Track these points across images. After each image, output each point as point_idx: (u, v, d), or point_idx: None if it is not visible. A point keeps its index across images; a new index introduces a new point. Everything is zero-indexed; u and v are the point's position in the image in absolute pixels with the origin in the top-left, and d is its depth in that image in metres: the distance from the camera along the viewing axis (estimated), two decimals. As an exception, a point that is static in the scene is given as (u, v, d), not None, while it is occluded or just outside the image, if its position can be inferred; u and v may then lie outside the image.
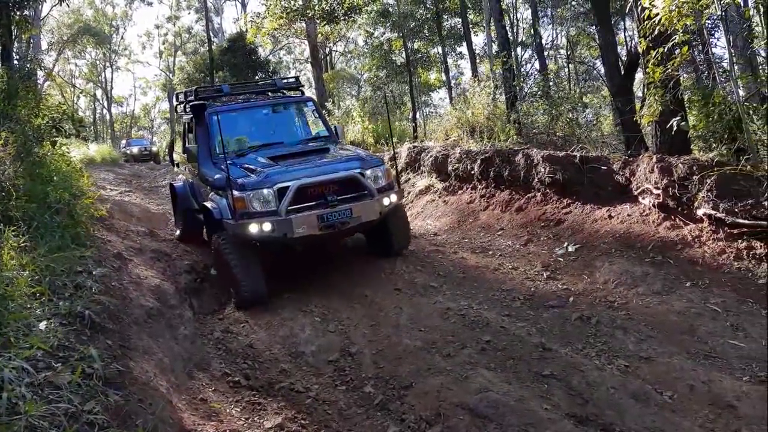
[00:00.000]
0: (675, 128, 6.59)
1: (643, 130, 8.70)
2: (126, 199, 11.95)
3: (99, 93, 45.31)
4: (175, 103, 8.87)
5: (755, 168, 5.67)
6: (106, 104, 45.64)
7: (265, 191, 5.70)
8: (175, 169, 9.27)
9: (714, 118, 6.54)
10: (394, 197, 6.32)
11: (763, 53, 7.64)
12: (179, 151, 8.48)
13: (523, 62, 21.18)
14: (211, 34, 29.33)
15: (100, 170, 17.77)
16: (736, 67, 7.06)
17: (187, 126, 7.82)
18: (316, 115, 7.85)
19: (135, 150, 27.99)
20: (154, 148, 29.08)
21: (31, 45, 21.04)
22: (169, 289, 5.51)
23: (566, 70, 21.53)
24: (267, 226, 5.62)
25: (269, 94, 8.14)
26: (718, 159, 6.08)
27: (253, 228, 5.60)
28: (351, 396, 4.19)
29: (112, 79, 45.36)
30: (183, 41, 43.26)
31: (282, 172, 5.89)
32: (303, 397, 4.10)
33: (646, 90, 7.60)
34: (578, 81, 20.13)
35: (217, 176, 6.23)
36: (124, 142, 32.65)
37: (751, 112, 6.47)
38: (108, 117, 46.15)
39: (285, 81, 8.36)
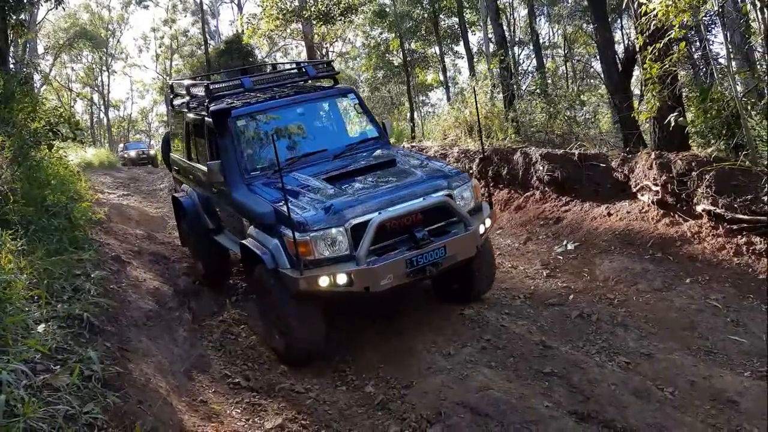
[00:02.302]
0: (673, 124, 6.60)
1: (641, 127, 8.70)
2: (124, 203, 11.93)
3: (96, 97, 45.26)
4: (170, 95, 7.39)
5: (754, 163, 5.68)
6: (103, 108, 45.58)
7: (334, 231, 4.28)
8: (173, 174, 7.48)
9: (712, 114, 6.56)
10: (489, 222, 4.91)
11: (760, 49, 7.64)
12: (178, 156, 6.99)
13: (521, 60, 21.19)
14: (207, 36, 29.31)
15: (97, 174, 17.75)
16: (733, 63, 7.06)
17: (193, 127, 6.29)
18: (360, 110, 6.17)
19: (133, 153, 27.92)
20: (152, 152, 28.96)
21: (28, 49, 21.04)
22: (167, 292, 5.50)
23: (564, 68, 21.54)
24: (342, 278, 4.23)
25: (300, 85, 6.41)
26: (717, 155, 6.09)
27: (324, 281, 4.20)
28: (352, 396, 4.18)
29: (108, 82, 45.20)
30: (179, 44, 43.20)
31: (352, 201, 4.45)
32: (304, 398, 4.09)
33: (643, 87, 7.60)
34: (576, 79, 20.15)
35: (261, 209, 4.66)
36: (121, 145, 32.58)
37: (749, 107, 6.49)
38: (105, 121, 46.09)
39: (317, 67, 6.58)
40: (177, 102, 7.03)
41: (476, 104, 5.80)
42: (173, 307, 5.18)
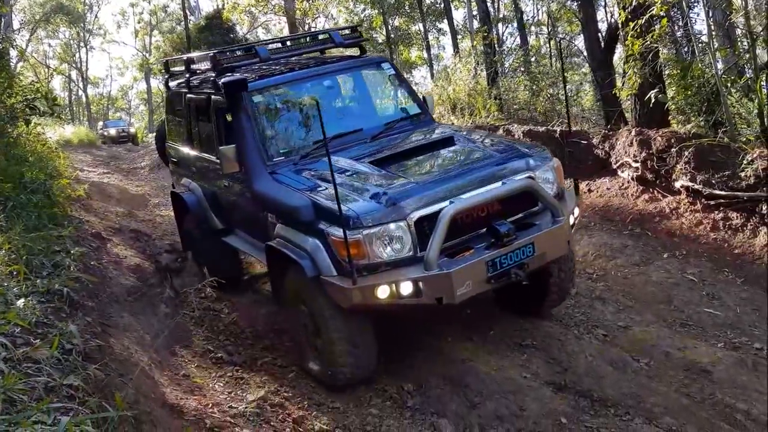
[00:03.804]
0: (653, 101, 6.66)
1: (622, 105, 8.77)
2: (104, 181, 11.78)
3: (74, 74, 44.33)
4: (165, 75, 6.30)
5: (732, 140, 5.77)
6: (81, 85, 44.69)
7: (393, 226, 3.43)
8: (171, 167, 6.32)
9: (692, 91, 6.62)
10: (577, 212, 4.10)
11: (741, 26, 7.70)
12: (177, 146, 5.89)
13: (505, 38, 21.10)
14: (187, 11, 28.71)
15: (77, 152, 17.47)
16: (714, 41, 7.12)
17: (195, 109, 5.31)
18: (397, 83, 5.20)
19: (113, 131, 27.49)
20: (132, 130, 28.62)
21: (2, 24, 20.46)
22: (149, 268, 5.48)
23: (547, 46, 21.51)
24: (407, 288, 3.38)
25: (322, 54, 5.55)
26: (696, 131, 6.18)
27: (383, 292, 3.37)
28: (335, 370, 4.21)
29: (87, 59, 44.44)
30: (159, 20, 42.32)
31: (412, 187, 3.60)
32: (286, 372, 4.11)
33: (625, 63, 7.64)
34: (559, 57, 20.14)
35: (295, 202, 3.79)
36: (101, 123, 32.07)
37: (729, 84, 6.56)
38: (84, 98, 45.22)
39: (343, 33, 5.41)
40: (174, 83, 5.97)
41: (562, 64, 4.83)
42: (155, 284, 5.16)
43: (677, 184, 6.00)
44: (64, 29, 39.35)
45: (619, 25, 7.59)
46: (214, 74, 4.87)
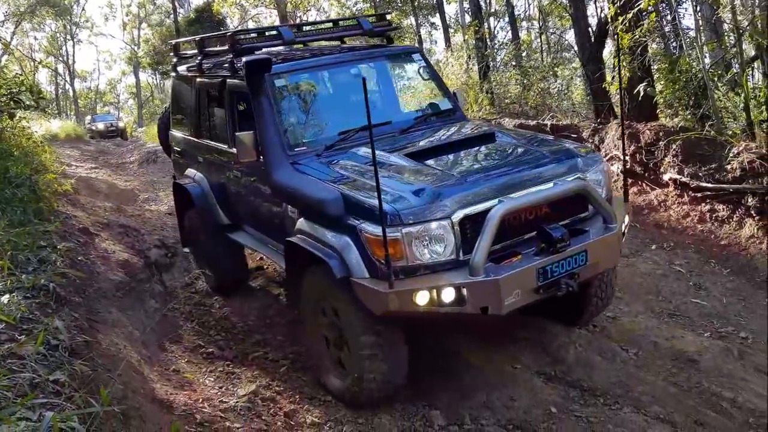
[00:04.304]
0: (642, 94, 6.69)
1: (612, 99, 8.81)
2: (92, 176, 11.67)
3: (61, 67, 43.87)
4: (173, 58, 5.83)
5: (719, 133, 5.81)
6: (68, 79, 44.25)
7: (434, 225, 3.07)
8: (174, 158, 5.90)
9: (680, 84, 6.66)
10: (627, 220, 3.76)
11: (728, 21, 7.75)
12: (183, 134, 5.50)
13: (496, 32, 21.12)
14: (176, 4, 28.49)
15: (64, 147, 17.28)
16: (702, 35, 7.16)
17: (206, 94, 4.94)
18: (427, 75, 4.91)
19: (101, 126, 27.16)
20: (121, 124, 28.35)
21: (-14, 16, 20.20)
22: (138, 264, 5.42)
23: (539, 40, 21.54)
24: (449, 294, 3.02)
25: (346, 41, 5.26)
26: (684, 125, 6.23)
27: (422, 298, 3.01)
28: (325, 363, 4.21)
29: (74, 52, 43.99)
30: (147, 12, 41.95)
31: (455, 184, 3.25)
32: (278, 366, 4.11)
33: (614, 57, 7.68)
34: (550, 52, 20.19)
35: (322, 194, 3.41)
36: (89, 117, 31.75)
37: (715, 79, 6.60)
38: (71, 92, 44.77)
39: (371, 20, 5.02)
40: (182, 66, 5.51)
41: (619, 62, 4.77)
42: (144, 279, 5.12)
43: (665, 177, 6.05)
44: (50, 21, 38.91)
45: (609, 20, 7.61)
46: (231, 56, 4.46)
